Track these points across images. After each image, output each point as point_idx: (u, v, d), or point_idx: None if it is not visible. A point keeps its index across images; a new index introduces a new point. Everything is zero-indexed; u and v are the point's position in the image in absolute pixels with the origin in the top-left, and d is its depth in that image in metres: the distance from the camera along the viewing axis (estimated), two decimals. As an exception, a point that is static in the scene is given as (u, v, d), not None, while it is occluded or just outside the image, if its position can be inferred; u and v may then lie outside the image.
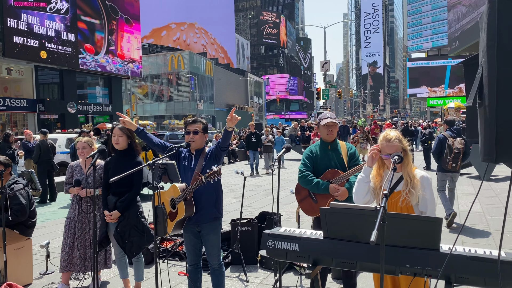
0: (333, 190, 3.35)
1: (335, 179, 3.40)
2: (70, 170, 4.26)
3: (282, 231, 2.48)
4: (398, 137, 2.61)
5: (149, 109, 57.92)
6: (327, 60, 28.50)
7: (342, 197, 3.34)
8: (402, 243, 2.09)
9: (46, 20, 28.96)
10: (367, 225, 2.11)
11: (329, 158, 3.49)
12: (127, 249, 3.78)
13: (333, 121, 3.50)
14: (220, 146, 3.35)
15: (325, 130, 3.52)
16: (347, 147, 3.53)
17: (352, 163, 3.44)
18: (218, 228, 3.47)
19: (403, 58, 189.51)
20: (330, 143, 3.53)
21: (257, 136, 13.99)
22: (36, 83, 29.74)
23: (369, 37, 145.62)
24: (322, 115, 3.64)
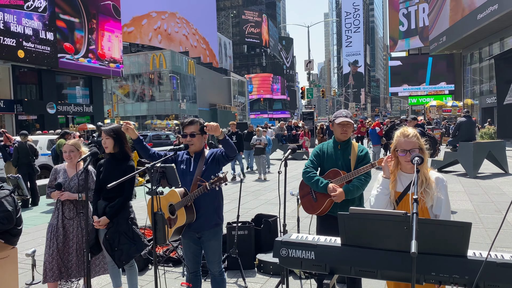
0: (331, 190, 3.23)
1: (335, 179, 3.30)
2: (54, 173, 4.02)
3: (295, 238, 2.33)
4: (416, 134, 2.51)
5: (130, 109, 57.03)
6: (311, 59, 28.52)
7: (338, 198, 3.22)
8: (427, 249, 1.97)
9: (24, 18, 28.17)
10: (390, 232, 1.98)
11: (337, 157, 3.39)
12: (116, 258, 3.57)
13: (348, 120, 3.37)
14: (227, 156, 3.18)
15: (339, 129, 3.40)
16: (358, 149, 3.40)
17: (359, 166, 3.31)
18: (219, 234, 3.31)
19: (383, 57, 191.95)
20: (341, 143, 3.42)
21: (238, 137, 12.64)
22: (13, 83, 28.90)
23: (350, 37, 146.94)
24: (337, 113, 3.52)
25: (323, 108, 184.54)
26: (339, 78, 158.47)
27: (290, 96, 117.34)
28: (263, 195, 9.58)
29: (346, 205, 3.28)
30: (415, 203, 1.76)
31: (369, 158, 3.36)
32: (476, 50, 36.79)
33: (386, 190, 2.56)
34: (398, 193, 2.56)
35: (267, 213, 6.99)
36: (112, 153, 3.64)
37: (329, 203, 3.31)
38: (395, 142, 2.54)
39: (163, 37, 68.00)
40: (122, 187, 3.54)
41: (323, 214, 3.39)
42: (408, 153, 2.48)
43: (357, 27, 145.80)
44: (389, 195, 2.56)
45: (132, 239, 3.61)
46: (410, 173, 2.55)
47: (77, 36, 33.08)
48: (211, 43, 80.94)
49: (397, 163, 2.57)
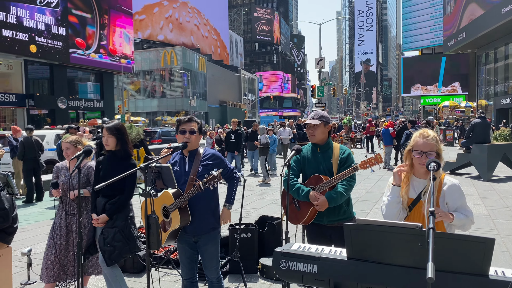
0: (313, 199, 3.02)
1: (318, 186, 3.07)
2: (56, 171, 3.90)
3: (296, 249, 2.13)
4: (436, 137, 2.31)
5: (141, 105, 57.21)
6: (322, 57, 28.17)
7: (321, 207, 3.00)
8: (443, 267, 1.75)
9: (36, 13, 28.30)
10: (402, 245, 1.77)
11: (318, 161, 3.15)
12: (107, 254, 3.33)
13: (310, 121, 3.13)
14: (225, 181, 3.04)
15: (307, 132, 3.19)
16: (339, 151, 3.14)
17: (343, 169, 3.05)
18: (217, 238, 3.12)
19: (396, 56, 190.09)
20: (320, 145, 3.18)
21: (237, 136, 11.74)
22: (25, 78, 29.08)
23: (363, 35, 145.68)
24: (309, 115, 3.31)
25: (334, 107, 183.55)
26: (351, 76, 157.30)
27: (300, 94, 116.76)
28: (269, 195, 9.39)
29: (332, 212, 3.08)
30: (432, 216, 1.55)
31: (352, 160, 3.10)
32: (491, 50, 36.04)
33: (397, 198, 2.36)
34: (411, 199, 2.36)
35: (273, 215, 6.80)
36: (113, 151, 3.48)
37: (313, 212, 3.09)
38: (412, 142, 2.35)
39: (174, 26, 67.76)
40: (123, 185, 3.39)
41: (309, 223, 3.18)
42: (424, 156, 2.28)
43: (370, 25, 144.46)
44: (400, 202, 2.36)
45: (127, 238, 3.42)
46: (423, 178, 2.36)
47: (89, 31, 33.17)
48: (222, 34, 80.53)
49: (411, 166, 2.36)
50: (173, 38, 67.16)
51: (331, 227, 3.15)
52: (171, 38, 66.97)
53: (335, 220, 3.13)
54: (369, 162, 2.92)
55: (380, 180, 11.11)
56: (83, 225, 3.71)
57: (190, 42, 70.14)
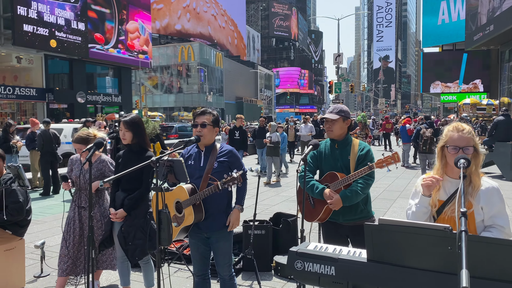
0: (327, 197, 2.89)
1: (332, 184, 2.95)
2: (70, 163, 3.85)
3: (313, 249, 2.02)
4: (471, 131, 2.11)
5: (158, 101, 57.62)
6: (341, 53, 27.81)
7: (335, 206, 2.87)
8: (478, 273, 1.61)
9: (56, 8, 28.63)
10: (428, 248, 1.63)
11: (335, 158, 3.02)
12: (130, 253, 3.38)
13: (328, 116, 3.00)
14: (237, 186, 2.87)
15: (325, 126, 3.08)
16: (359, 147, 3.01)
17: (360, 167, 2.91)
18: (230, 235, 3.02)
19: (415, 53, 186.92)
20: (338, 141, 3.04)
21: (242, 133, 10.77)
22: (45, 72, 29.50)
23: (382, 31, 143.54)
24: (327, 110, 3.18)
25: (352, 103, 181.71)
26: (369, 73, 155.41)
27: (317, 90, 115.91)
28: (284, 191, 9.27)
29: (349, 211, 2.95)
30: (463, 217, 1.40)
31: (371, 157, 2.96)
32: (515, 46, 34.91)
33: (426, 208, 2.16)
34: (441, 201, 2.15)
35: (288, 211, 6.68)
36: (129, 145, 3.45)
37: (328, 210, 2.97)
38: (445, 137, 2.14)
39: (191, 16, 67.72)
40: (141, 179, 3.35)
41: (325, 221, 3.06)
42: (461, 152, 2.06)
43: (389, 21, 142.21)
44: (429, 212, 2.17)
45: (148, 235, 3.39)
46: (457, 178, 2.13)
47: (108, 26, 33.43)
48: (239, 25, 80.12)
49: (442, 165, 2.17)
50: (190, 28, 67.13)
51: (347, 226, 3.03)
52: (189, 28, 66.95)
53: (352, 219, 3.01)
54: (386, 161, 2.77)
55: (398, 178, 10.87)
56: (95, 219, 3.67)
57: (208, 32, 70.07)
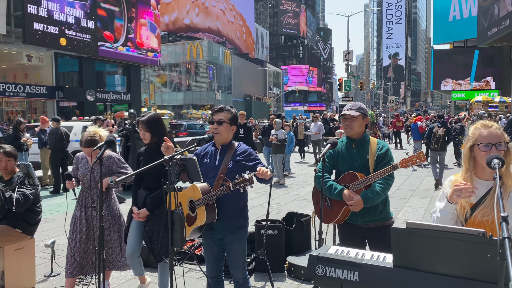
0: (347, 198, 2.80)
1: (352, 184, 2.85)
2: (76, 162, 3.78)
3: (334, 253, 1.92)
4: (499, 127, 1.99)
5: (167, 98, 57.74)
6: (350, 50, 27.58)
7: (356, 207, 2.78)
8: None
9: (66, 6, 28.76)
10: (461, 254, 1.53)
11: (353, 157, 2.93)
12: (156, 252, 3.37)
13: (347, 112, 2.90)
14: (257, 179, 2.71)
15: (343, 124, 2.97)
16: (377, 146, 2.91)
17: (380, 167, 2.82)
18: (244, 237, 2.93)
19: (425, 50, 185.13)
20: (356, 140, 2.94)
21: (246, 130, 10.18)
22: (55, 70, 29.68)
23: (391, 28, 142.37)
24: (345, 106, 3.08)
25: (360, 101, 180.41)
26: (378, 70, 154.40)
27: (326, 88, 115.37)
28: (295, 190, 9.16)
29: (368, 212, 2.86)
30: (505, 222, 1.29)
31: (391, 157, 2.87)
32: (528, 42, 34.31)
33: (451, 214, 2.04)
34: (471, 204, 2.03)
35: (299, 211, 6.58)
36: (148, 144, 3.42)
37: (346, 211, 2.88)
38: (472, 136, 2.01)
39: (200, 10, 67.58)
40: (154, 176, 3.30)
41: (342, 223, 2.97)
42: (494, 149, 1.92)
43: (399, 18, 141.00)
44: (455, 218, 2.05)
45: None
46: (488, 179, 2.01)
47: (117, 24, 33.52)
48: (248, 21, 79.78)
49: (471, 167, 2.03)
50: (199, 22, 67.05)
51: (365, 227, 2.93)
52: (197, 22, 66.88)
53: (371, 221, 2.91)
54: (411, 160, 2.66)
55: (410, 177, 10.71)
56: (103, 218, 3.61)
57: (216, 27, 69.93)
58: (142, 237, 3.47)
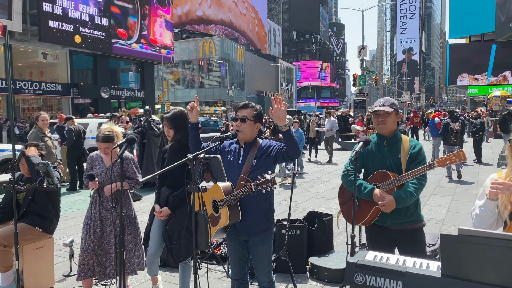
0: (378, 198, 2.66)
1: (383, 183, 2.71)
2: (90, 161, 3.66)
3: (372, 260, 1.79)
4: None
5: (180, 95, 57.90)
6: (365, 45, 27.21)
7: (387, 208, 2.64)
8: None
9: (81, 4, 28.93)
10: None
11: (384, 156, 2.79)
12: (174, 252, 3.29)
13: (381, 108, 2.76)
14: (288, 156, 2.61)
15: (375, 120, 2.83)
16: (410, 145, 2.78)
17: (412, 166, 2.69)
18: (269, 239, 2.81)
19: (440, 45, 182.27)
20: (387, 137, 2.81)
21: None
22: (70, 68, 29.92)
23: (405, 23, 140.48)
24: (376, 101, 2.93)
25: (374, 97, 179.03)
26: (392, 66, 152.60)
27: (339, 84, 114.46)
28: (312, 188, 9.02)
29: (398, 214, 2.72)
30: None
31: (424, 156, 2.74)
32: (549, 36, 33.44)
33: (491, 212, 1.95)
34: None
35: (317, 209, 6.46)
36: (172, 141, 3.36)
37: (376, 212, 2.75)
38: None
39: (212, 2, 67.36)
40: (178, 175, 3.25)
41: (369, 224, 2.84)
42: None
43: (413, 13, 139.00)
44: (494, 216, 1.95)
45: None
46: None
47: (130, 22, 33.61)
48: (260, 13, 79.33)
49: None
50: (211, 14, 66.99)
51: (395, 230, 2.80)
52: (209, 14, 66.81)
53: (401, 223, 2.77)
54: (449, 159, 2.51)
55: (429, 174, 10.47)
56: (118, 219, 3.53)
57: (228, 19, 69.78)
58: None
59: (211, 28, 66.02)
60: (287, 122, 2.54)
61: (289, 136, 2.54)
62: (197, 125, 2.93)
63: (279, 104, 2.52)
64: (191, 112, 2.89)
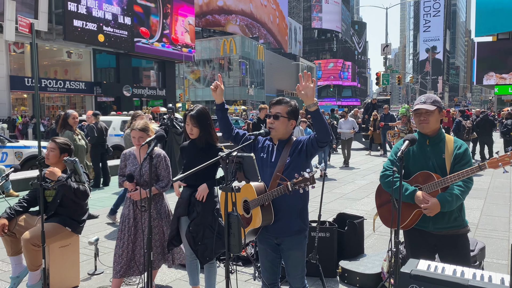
0: (420, 201, 2.49)
1: (426, 185, 2.53)
2: (124, 159, 3.62)
3: (426, 269, 1.63)
4: None
5: (200, 94, 58.20)
6: (389, 43, 26.70)
7: (431, 211, 2.46)
8: None
9: (104, 3, 29.33)
10: None
11: (426, 156, 2.62)
12: (199, 253, 3.19)
13: (423, 106, 2.59)
14: (318, 141, 2.47)
15: (416, 119, 2.66)
16: (454, 145, 2.60)
17: (458, 168, 2.51)
18: (303, 242, 2.67)
19: (465, 43, 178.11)
20: (430, 137, 2.63)
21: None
22: (93, 66, 30.37)
23: (429, 21, 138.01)
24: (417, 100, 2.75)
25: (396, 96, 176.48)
26: (415, 64, 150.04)
27: (360, 83, 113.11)
28: (337, 188, 8.81)
29: (441, 218, 2.54)
30: None
31: (470, 157, 2.56)
32: None
33: None
34: None
35: (343, 210, 6.29)
36: (193, 139, 3.23)
37: (416, 215, 2.58)
38: None
39: None
40: (208, 175, 3.18)
41: (409, 228, 2.66)
42: None
43: (437, 10, 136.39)
44: None
45: (218, 233, 3.19)
46: None
47: (153, 20, 33.91)
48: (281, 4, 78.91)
49: None
50: (232, 4, 67.08)
51: (437, 235, 2.62)
52: (230, 4, 66.93)
53: (444, 228, 2.59)
54: (502, 160, 2.31)
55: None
56: (152, 217, 3.45)
57: (249, 10, 69.73)
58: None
59: (232, 18, 66.14)
60: (316, 100, 2.39)
61: (318, 117, 2.39)
62: (223, 105, 2.82)
63: (307, 80, 2.37)
64: (215, 91, 2.79)
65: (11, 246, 3.62)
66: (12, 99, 26.32)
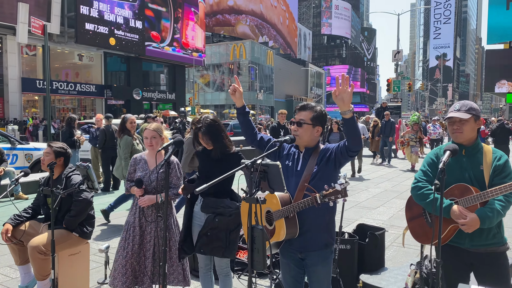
0: (457, 216, 2.29)
1: (463, 199, 2.34)
2: (133, 163, 3.47)
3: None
4: None
5: (210, 98, 58.25)
6: (400, 50, 26.46)
7: (470, 227, 2.27)
8: None
9: (116, 7, 29.46)
10: None
11: (462, 168, 2.43)
12: (198, 245, 3.02)
13: (456, 115, 2.40)
14: (348, 149, 2.32)
15: (450, 128, 2.47)
16: (493, 156, 2.40)
17: (497, 180, 2.32)
18: (329, 258, 2.50)
19: (475, 51, 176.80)
20: (466, 147, 2.44)
21: (286, 132, 9.19)
22: (104, 69, 30.49)
23: (439, 28, 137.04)
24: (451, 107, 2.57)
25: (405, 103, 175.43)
26: (424, 71, 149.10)
27: (370, 89, 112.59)
28: (351, 197, 8.61)
29: (479, 234, 2.34)
30: None
31: (511, 169, 2.35)
32: None
33: None
34: None
35: (359, 219, 6.11)
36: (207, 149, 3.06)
37: (451, 231, 2.39)
38: None
39: None
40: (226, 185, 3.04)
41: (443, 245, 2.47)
42: None
43: (448, 17, 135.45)
44: None
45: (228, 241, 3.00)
46: None
47: (164, 24, 34.00)
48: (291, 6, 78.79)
49: None
50: (242, 4, 67.22)
51: (474, 252, 2.42)
52: (241, 4, 67.07)
53: (482, 245, 2.40)
54: None
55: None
56: (159, 227, 3.29)
57: (259, 10, 69.79)
58: None
59: (242, 18, 66.23)
60: (352, 107, 2.22)
61: (352, 124, 2.23)
62: (244, 109, 2.69)
63: (344, 85, 2.19)
64: (233, 95, 2.65)
65: (19, 255, 3.50)
66: (23, 101, 26.46)
